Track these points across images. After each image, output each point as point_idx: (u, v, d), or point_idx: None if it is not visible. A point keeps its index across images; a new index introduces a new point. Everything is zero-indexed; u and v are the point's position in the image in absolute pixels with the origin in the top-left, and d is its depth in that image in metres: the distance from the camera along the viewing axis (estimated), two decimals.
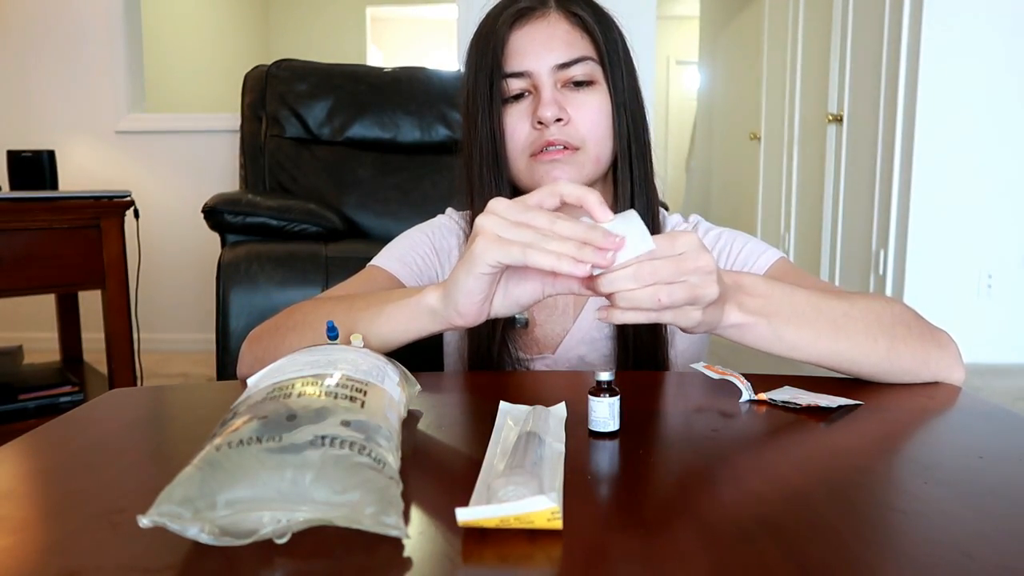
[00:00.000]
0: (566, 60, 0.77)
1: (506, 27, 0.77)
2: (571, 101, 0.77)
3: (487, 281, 0.57)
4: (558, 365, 0.87)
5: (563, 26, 0.78)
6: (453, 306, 0.60)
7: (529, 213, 0.54)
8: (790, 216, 4.29)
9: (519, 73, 0.77)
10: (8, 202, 1.76)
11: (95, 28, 3.07)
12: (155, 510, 0.36)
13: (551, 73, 0.77)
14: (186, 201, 3.06)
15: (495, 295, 0.60)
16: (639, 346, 0.83)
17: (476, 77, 0.78)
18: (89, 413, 0.65)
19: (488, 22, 0.79)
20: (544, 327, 0.88)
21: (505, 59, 0.77)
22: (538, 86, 0.77)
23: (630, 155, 0.82)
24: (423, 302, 0.63)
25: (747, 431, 0.59)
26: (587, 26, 0.78)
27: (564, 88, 0.78)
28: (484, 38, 0.78)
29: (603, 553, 0.38)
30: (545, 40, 0.77)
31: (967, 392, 0.69)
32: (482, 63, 0.78)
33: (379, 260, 0.89)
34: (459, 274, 0.58)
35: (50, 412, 1.85)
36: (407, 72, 1.83)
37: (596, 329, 0.86)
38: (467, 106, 0.81)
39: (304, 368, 0.48)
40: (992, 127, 2.94)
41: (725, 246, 0.88)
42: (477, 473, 0.47)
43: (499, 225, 0.54)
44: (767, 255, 0.86)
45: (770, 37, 4.59)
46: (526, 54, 0.77)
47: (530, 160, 0.79)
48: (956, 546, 0.39)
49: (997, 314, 2.98)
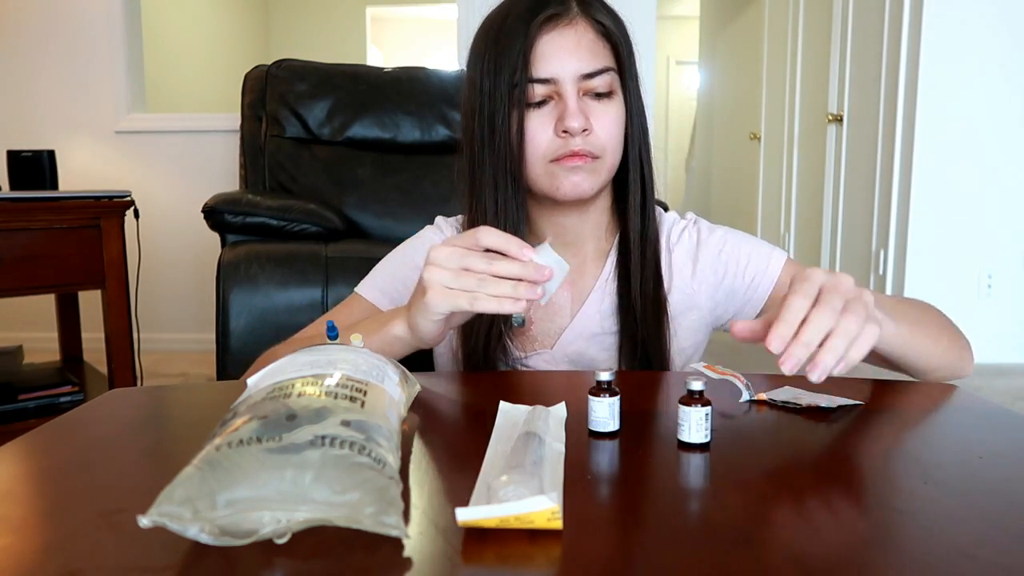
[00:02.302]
0: (591, 71, 0.77)
1: (535, 29, 0.75)
2: (592, 111, 0.78)
3: (443, 320, 0.66)
4: (556, 360, 0.87)
5: (589, 35, 0.77)
6: (418, 336, 0.69)
7: (468, 259, 0.61)
8: (790, 216, 4.29)
9: (545, 79, 0.76)
10: (8, 202, 1.76)
11: (95, 28, 3.06)
12: (155, 510, 0.36)
13: (575, 82, 0.76)
14: (186, 201, 3.06)
15: (454, 316, 0.67)
16: (646, 338, 0.84)
17: (495, 78, 0.77)
18: (89, 413, 0.65)
19: (507, 22, 0.77)
20: (541, 324, 0.87)
21: (531, 63, 0.76)
22: (562, 93, 0.76)
23: (640, 161, 0.83)
24: (391, 332, 0.72)
25: (747, 431, 0.59)
26: (610, 36, 0.79)
27: (585, 96, 0.78)
28: (505, 38, 0.76)
29: (603, 553, 0.38)
30: (573, 48, 0.76)
31: (967, 392, 0.69)
32: (504, 64, 0.76)
33: (363, 288, 0.92)
34: (416, 318, 0.67)
35: (50, 412, 1.85)
36: (407, 72, 1.83)
37: (595, 324, 0.86)
38: (477, 105, 0.80)
39: (304, 368, 0.48)
40: (992, 127, 2.94)
41: (732, 252, 0.88)
42: (477, 473, 0.47)
43: (444, 277, 0.62)
44: (775, 259, 0.88)
45: (770, 37, 4.59)
46: (553, 60, 0.76)
47: (548, 164, 0.79)
48: (956, 546, 0.39)
49: (997, 314, 2.98)
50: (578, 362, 0.87)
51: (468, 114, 0.83)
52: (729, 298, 0.89)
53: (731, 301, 0.89)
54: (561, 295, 0.88)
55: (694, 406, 0.53)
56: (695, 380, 0.54)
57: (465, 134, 0.84)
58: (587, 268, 0.88)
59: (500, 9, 0.80)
